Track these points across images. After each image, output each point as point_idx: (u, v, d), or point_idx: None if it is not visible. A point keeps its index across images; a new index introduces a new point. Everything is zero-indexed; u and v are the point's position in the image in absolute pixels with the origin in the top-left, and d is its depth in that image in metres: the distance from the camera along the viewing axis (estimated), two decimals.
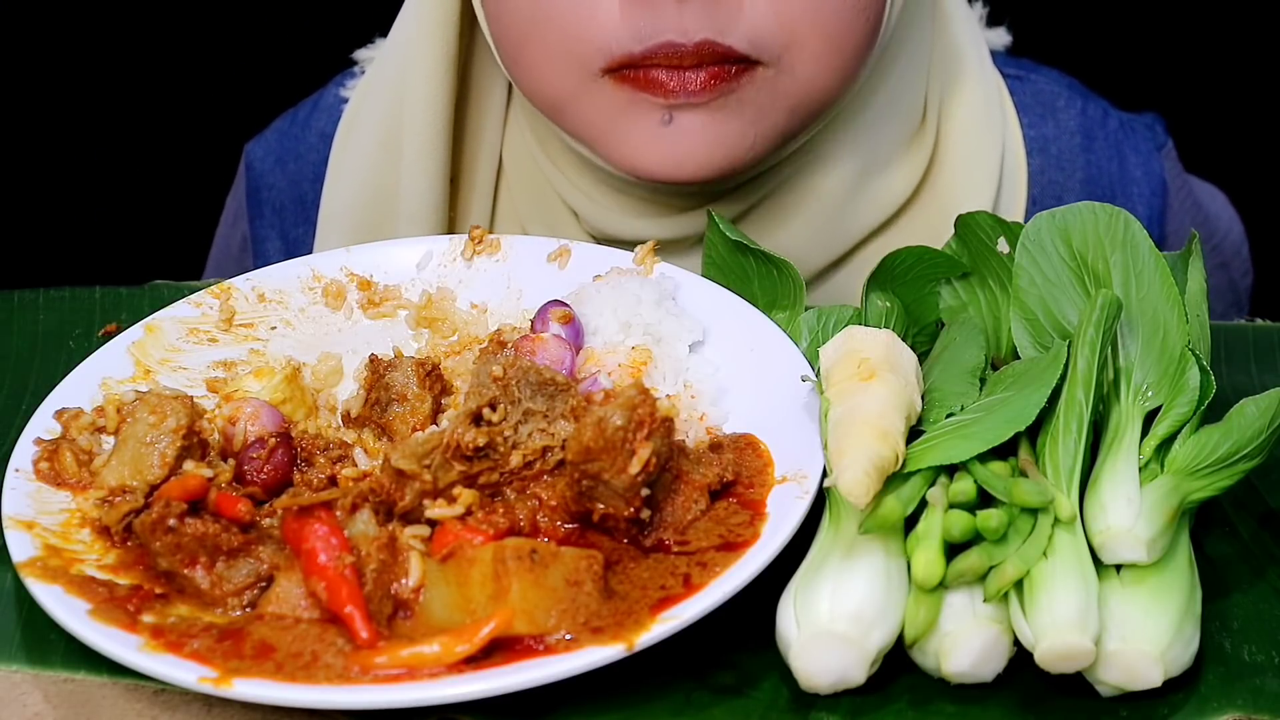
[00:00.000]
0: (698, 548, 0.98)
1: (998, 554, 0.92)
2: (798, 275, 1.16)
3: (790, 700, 0.94)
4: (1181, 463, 0.96)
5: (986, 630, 0.92)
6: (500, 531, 0.96)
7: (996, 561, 0.92)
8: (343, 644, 0.92)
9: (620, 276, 1.16)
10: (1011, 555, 0.92)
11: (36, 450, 1.05)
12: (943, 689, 0.94)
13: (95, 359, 1.13)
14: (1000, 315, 1.08)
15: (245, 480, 1.02)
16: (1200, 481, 0.96)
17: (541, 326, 1.12)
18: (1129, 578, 0.93)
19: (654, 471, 0.97)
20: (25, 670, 0.97)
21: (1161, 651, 0.91)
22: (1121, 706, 0.93)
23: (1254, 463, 0.97)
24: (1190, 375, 0.98)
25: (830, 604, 0.92)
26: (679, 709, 0.94)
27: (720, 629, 0.95)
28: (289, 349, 1.16)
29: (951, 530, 0.93)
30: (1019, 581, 0.92)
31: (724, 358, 1.12)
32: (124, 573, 0.97)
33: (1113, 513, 0.93)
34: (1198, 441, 0.97)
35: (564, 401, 1.01)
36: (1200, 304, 1.05)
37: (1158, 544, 0.93)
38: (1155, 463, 0.97)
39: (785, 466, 1.02)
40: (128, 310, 1.21)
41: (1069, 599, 0.90)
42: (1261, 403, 0.98)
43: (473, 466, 0.99)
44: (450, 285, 1.20)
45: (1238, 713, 0.93)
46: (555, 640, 0.92)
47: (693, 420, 1.08)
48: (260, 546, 0.97)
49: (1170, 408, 0.98)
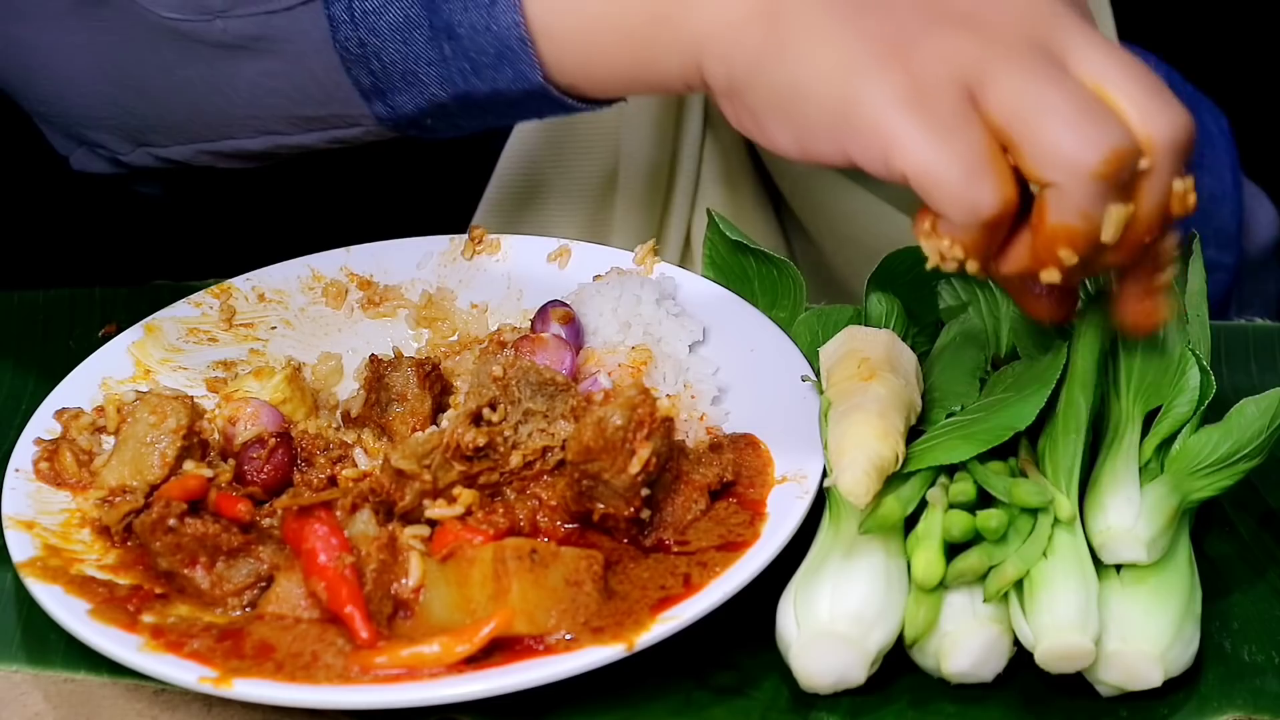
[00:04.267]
0: (698, 548, 0.98)
1: (998, 554, 0.92)
2: (798, 275, 1.16)
3: (790, 700, 0.94)
4: (1182, 462, 0.96)
5: (986, 630, 0.92)
6: (500, 531, 0.96)
7: (996, 561, 0.92)
8: (343, 644, 0.92)
9: (620, 276, 1.16)
10: (1011, 555, 0.92)
11: (36, 450, 1.05)
12: (943, 689, 0.94)
13: (95, 359, 1.12)
14: (1000, 315, 1.08)
15: (245, 480, 1.02)
16: (1200, 481, 0.96)
17: (541, 326, 1.12)
18: (1129, 578, 0.93)
19: (654, 471, 0.97)
20: (25, 670, 0.97)
21: (1161, 651, 0.91)
22: (1121, 706, 0.93)
23: (1254, 463, 0.97)
24: (1190, 375, 0.98)
25: (830, 604, 0.92)
26: (679, 709, 0.94)
27: (720, 629, 0.95)
28: (289, 349, 1.16)
29: (951, 530, 0.93)
30: (1019, 582, 0.92)
31: (724, 358, 1.12)
32: (124, 573, 0.97)
33: (1113, 513, 0.93)
34: (1198, 441, 0.97)
35: (564, 401, 1.01)
36: (1200, 304, 1.05)
37: (1158, 544, 0.93)
38: (1155, 462, 0.96)
39: (785, 466, 1.02)
40: (128, 310, 1.20)
41: (1069, 599, 0.90)
42: (1261, 403, 0.97)
43: (473, 466, 0.99)
44: (450, 285, 1.20)
45: (1238, 713, 0.93)
46: (555, 640, 0.92)
47: (693, 420, 1.08)
48: (260, 546, 0.97)
49: (1170, 408, 0.98)
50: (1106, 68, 0.86)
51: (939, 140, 0.84)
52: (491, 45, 0.97)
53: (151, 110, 1.09)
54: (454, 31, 0.97)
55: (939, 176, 0.84)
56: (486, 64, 0.98)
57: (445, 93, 1.00)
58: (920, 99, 0.84)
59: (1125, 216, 0.85)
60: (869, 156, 0.86)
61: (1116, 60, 0.86)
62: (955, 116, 0.84)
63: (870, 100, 0.85)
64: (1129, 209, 0.85)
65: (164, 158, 1.11)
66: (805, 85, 0.87)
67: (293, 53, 1.01)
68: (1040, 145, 0.83)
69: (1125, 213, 0.85)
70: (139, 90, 1.08)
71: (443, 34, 0.97)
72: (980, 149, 0.84)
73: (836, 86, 0.86)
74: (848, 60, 0.86)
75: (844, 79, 0.86)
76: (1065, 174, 0.83)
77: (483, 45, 0.97)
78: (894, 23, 0.87)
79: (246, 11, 1.01)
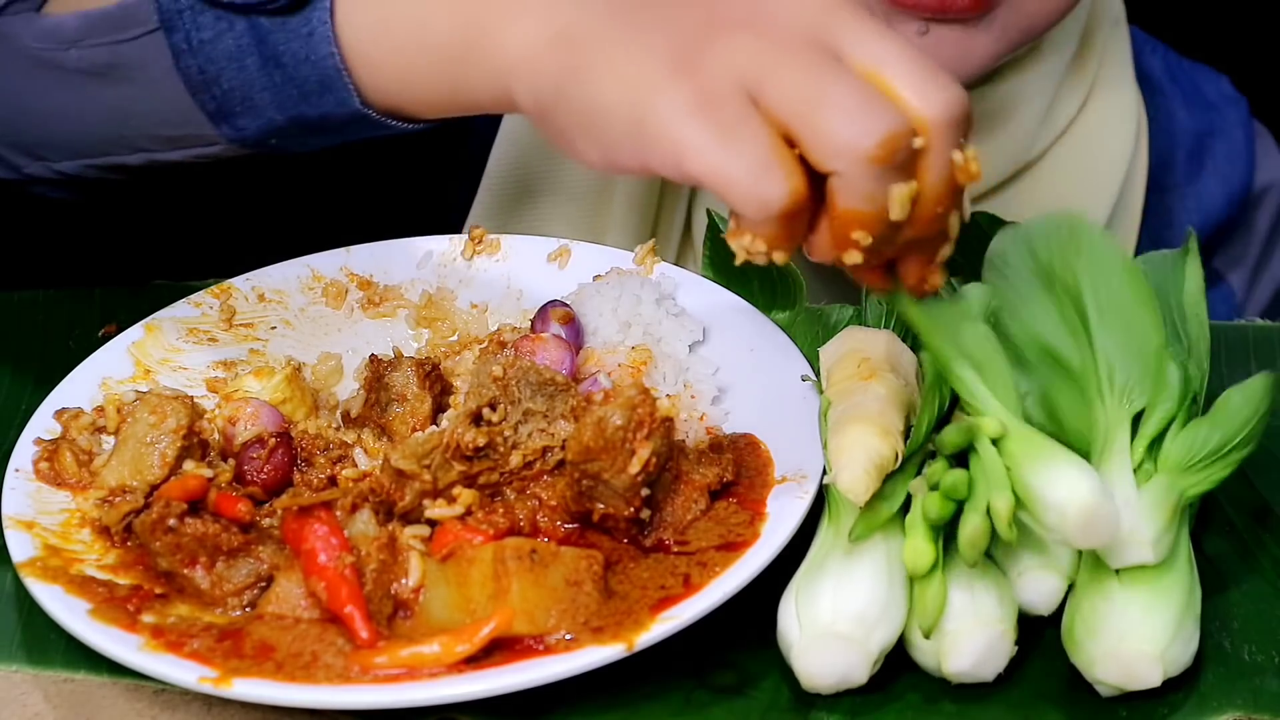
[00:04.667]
0: (698, 548, 0.98)
1: (980, 503, 0.92)
2: (798, 275, 1.16)
3: (790, 700, 0.94)
4: (1174, 459, 0.96)
5: (988, 630, 0.92)
6: (500, 531, 0.96)
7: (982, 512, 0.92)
8: (343, 644, 0.92)
9: (620, 276, 1.16)
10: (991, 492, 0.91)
11: (36, 450, 1.05)
12: (944, 688, 0.94)
13: (95, 359, 1.13)
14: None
15: (245, 480, 1.02)
16: (1196, 476, 0.96)
17: (541, 326, 1.12)
18: (1128, 577, 0.93)
19: (654, 471, 0.97)
20: (25, 670, 0.97)
21: (1161, 651, 0.91)
22: (1121, 706, 0.93)
23: (1246, 451, 0.97)
24: (1169, 372, 0.98)
25: (833, 604, 0.92)
26: (679, 709, 0.94)
27: (720, 629, 0.95)
28: (289, 349, 1.16)
29: (929, 512, 0.92)
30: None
31: (724, 358, 1.12)
32: (124, 573, 0.97)
33: None
34: (1187, 436, 0.97)
35: (564, 401, 1.01)
36: (1199, 303, 1.04)
37: (1163, 542, 0.93)
38: (1149, 462, 0.96)
39: (785, 466, 1.02)
40: (127, 310, 1.20)
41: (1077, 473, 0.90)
42: (1245, 390, 0.97)
43: (473, 466, 0.99)
44: (450, 285, 1.20)
45: (1237, 712, 0.93)
46: (555, 640, 0.92)
47: (693, 420, 1.08)
48: (260, 546, 0.97)
49: (1154, 406, 0.98)
50: (880, 54, 0.89)
51: (725, 142, 0.87)
52: (313, 74, 1.02)
53: (37, 128, 1.15)
54: (280, 60, 1.02)
55: (728, 176, 0.87)
56: (311, 91, 1.03)
57: (282, 116, 1.04)
58: (706, 105, 0.88)
59: (910, 194, 0.88)
60: (665, 164, 0.89)
61: (890, 46, 0.89)
62: (739, 119, 0.87)
63: (661, 111, 0.88)
64: (912, 187, 0.88)
65: (57, 170, 1.17)
66: (603, 104, 0.91)
67: (144, 79, 1.06)
68: (819, 136, 0.86)
69: (910, 190, 0.88)
70: (22, 110, 1.14)
71: (271, 62, 1.02)
72: (764, 147, 0.87)
73: (630, 103, 0.90)
74: (638, 77, 0.90)
75: (636, 95, 0.89)
76: (845, 161, 0.86)
77: (306, 74, 1.02)
78: (678, 35, 0.91)
79: (97, 41, 1.07)
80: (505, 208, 1.38)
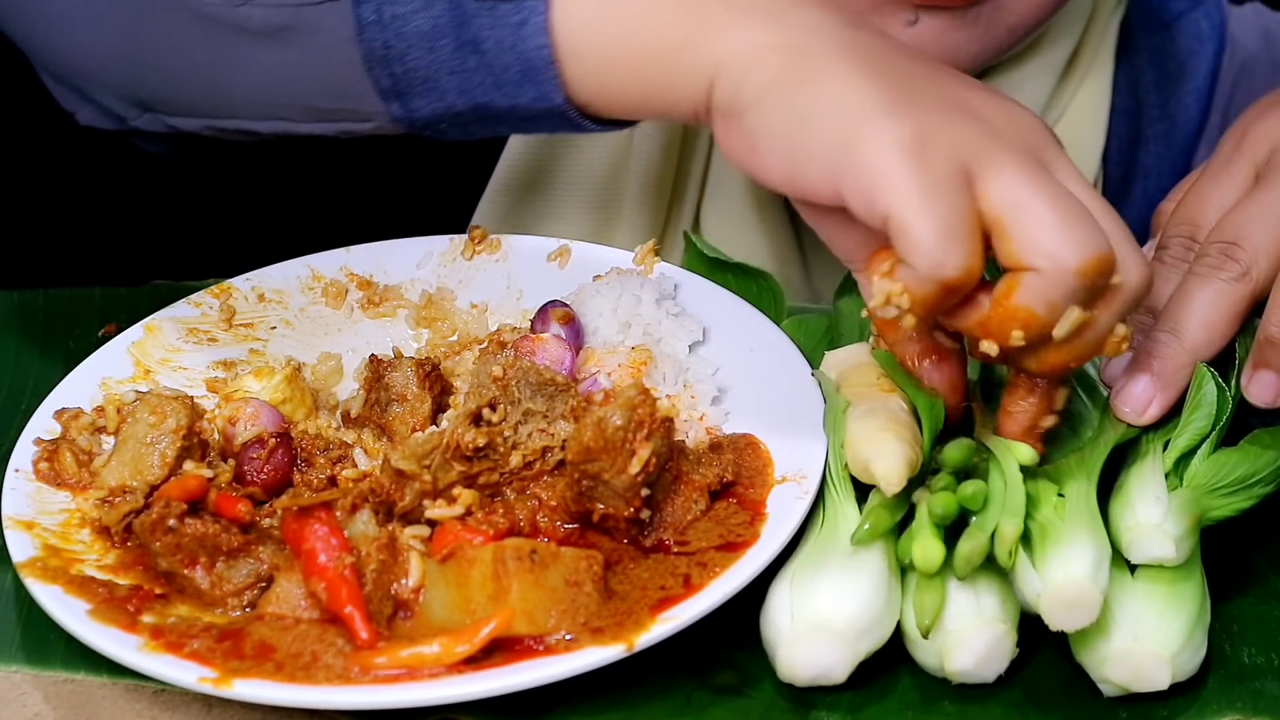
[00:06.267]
0: (698, 548, 0.98)
1: (989, 523, 0.92)
2: (778, 286, 1.17)
3: (790, 700, 0.94)
4: (1200, 480, 0.97)
5: (990, 630, 0.92)
6: (500, 532, 0.96)
7: (991, 532, 0.92)
8: (343, 644, 0.92)
9: (620, 276, 1.16)
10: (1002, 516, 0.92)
11: (36, 450, 1.05)
12: (944, 688, 0.94)
13: (95, 359, 1.12)
14: None
15: (245, 480, 1.02)
16: (1218, 500, 0.97)
17: (541, 326, 1.12)
18: (1144, 578, 0.93)
19: (654, 472, 0.97)
20: (25, 670, 0.97)
21: (1173, 654, 0.91)
22: (1121, 708, 0.93)
23: (1270, 488, 0.98)
24: (1206, 389, 0.99)
25: (833, 601, 0.92)
26: (679, 709, 0.94)
27: (720, 629, 0.95)
28: (289, 349, 1.16)
29: (935, 510, 0.92)
30: (1028, 540, 0.93)
31: (724, 358, 1.12)
32: (124, 573, 0.97)
33: (1141, 510, 0.94)
34: (1215, 462, 0.98)
35: (564, 402, 1.01)
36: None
37: (1185, 544, 0.93)
38: (1175, 477, 0.97)
39: (785, 466, 1.02)
40: (128, 310, 1.20)
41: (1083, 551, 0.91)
42: (1277, 433, 0.98)
43: (473, 467, 0.99)
44: (450, 285, 1.20)
45: (1237, 715, 0.93)
46: (555, 640, 0.92)
47: (693, 420, 1.08)
48: (260, 546, 0.97)
49: (1188, 421, 0.98)
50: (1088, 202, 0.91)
51: (928, 193, 0.87)
52: (516, 64, 0.98)
53: (163, 84, 1.09)
54: (480, 46, 0.98)
55: (917, 225, 0.87)
56: (509, 81, 0.99)
57: (463, 102, 1.01)
58: (923, 153, 0.88)
59: (1081, 321, 0.90)
60: (855, 191, 0.89)
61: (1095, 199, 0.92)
62: (949, 180, 0.88)
63: (874, 140, 0.88)
64: (1086, 316, 0.90)
65: (171, 125, 1.12)
66: (815, 116, 0.90)
67: (316, 47, 1.02)
68: (1032, 233, 0.88)
69: (1082, 318, 0.90)
70: (153, 65, 1.08)
71: (469, 47, 0.98)
72: (962, 215, 0.88)
73: (845, 123, 0.89)
74: (863, 103, 0.90)
75: (855, 118, 0.89)
76: (1050, 262, 0.88)
77: (508, 63, 0.98)
78: (913, 86, 0.92)
79: (276, 1, 1.02)
80: (514, 207, 1.38)
